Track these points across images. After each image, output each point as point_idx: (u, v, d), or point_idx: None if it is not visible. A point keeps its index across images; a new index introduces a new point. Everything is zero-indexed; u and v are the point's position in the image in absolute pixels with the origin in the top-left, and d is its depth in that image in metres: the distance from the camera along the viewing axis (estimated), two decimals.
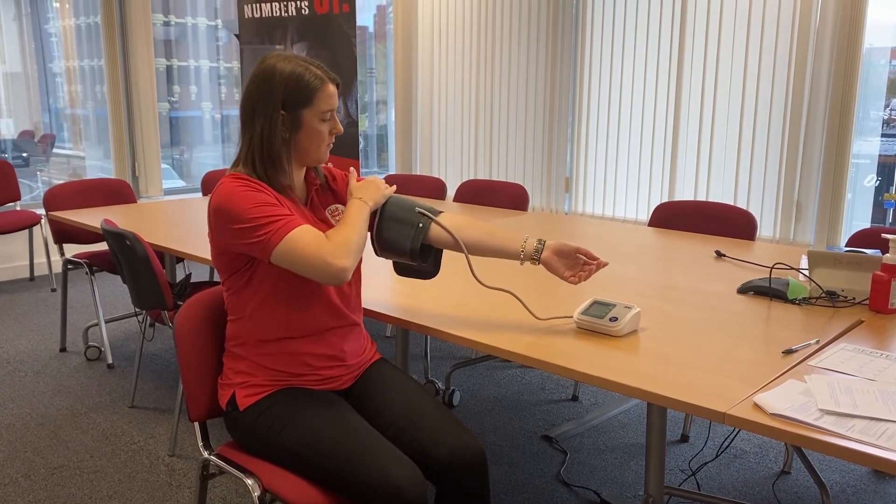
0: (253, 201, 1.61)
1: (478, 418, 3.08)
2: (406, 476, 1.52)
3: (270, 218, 1.60)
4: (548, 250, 1.79)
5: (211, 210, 1.65)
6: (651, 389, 1.41)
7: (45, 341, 3.97)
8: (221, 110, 6.73)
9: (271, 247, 1.60)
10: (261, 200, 1.62)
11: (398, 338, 2.34)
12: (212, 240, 1.70)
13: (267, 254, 1.61)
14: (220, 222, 1.63)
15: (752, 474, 2.64)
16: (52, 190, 3.63)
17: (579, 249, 1.78)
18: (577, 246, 1.78)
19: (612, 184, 4.90)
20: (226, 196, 1.62)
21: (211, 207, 1.65)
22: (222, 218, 1.62)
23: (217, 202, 1.63)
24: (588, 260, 1.80)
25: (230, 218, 1.61)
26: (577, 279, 1.79)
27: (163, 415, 3.07)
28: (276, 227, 1.59)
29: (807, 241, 4.04)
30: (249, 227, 1.59)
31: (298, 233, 1.60)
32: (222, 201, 1.62)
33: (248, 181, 1.66)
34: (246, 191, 1.62)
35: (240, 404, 1.70)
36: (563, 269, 1.79)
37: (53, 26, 5.83)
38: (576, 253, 1.79)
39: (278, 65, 1.68)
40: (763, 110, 4.11)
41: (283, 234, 1.59)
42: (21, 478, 2.57)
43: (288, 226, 1.60)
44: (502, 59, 5.38)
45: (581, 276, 1.80)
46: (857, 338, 1.70)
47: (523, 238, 1.81)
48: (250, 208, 1.60)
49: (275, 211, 1.61)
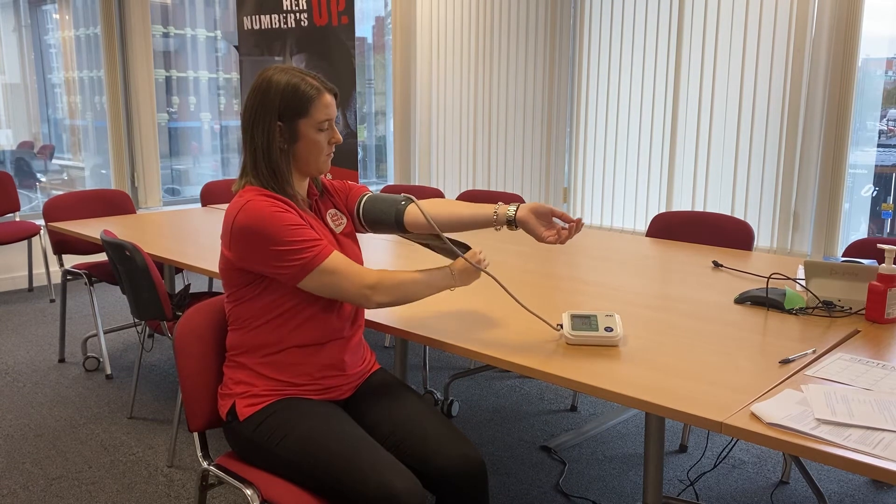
0: (285, 221, 1.62)
1: (476, 428, 3.08)
2: (405, 486, 1.52)
3: (308, 243, 1.62)
4: (523, 209, 1.77)
5: (237, 228, 1.62)
6: (649, 399, 1.41)
7: (43, 352, 3.97)
8: (220, 121, 6.74)
9: (308, 270, 1.62)
10: (292, 221, 1.63)
11: (397, 348, 2.35)
12: (231, 256, 1.67)
13: (299, 279, 1.63)
14: (249, 242, 1.62)
15: (750, 484, 2.64)
16: (52, 201, 3.64)
17: (554, 211, 1.77)
18: (552, 207, 1.77)
19: (610, 194, 4.91)
20: (257, 216, 1.61)
21: (236, 225, 1.63)
22: (253, 238, 1.61)
23: (245, 221, 1.61)
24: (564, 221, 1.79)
25: (266, 239, 1.60)
26: (555, 238, 1.77)
27: (161, 425, 3.07)
28: (312, 255, 1.62)
29: (804, 251, 4.06)
30: (286, 250, 1.60)
31: (337, 260, 1.64)
32: (252, 221, 1.61)
33: (273, 199, 1.66)
34: (276, 212, 1.62)
35: (240, 414, 1.70)
36: (541, 229, 1.77)
37: (53, 37, 5.85)
38: (551, 215, 1.78)
39: (275, 77, 1.70)
40: (760, 121, 4.13)
41: (321, 259, 1.62)
42: (19, 489, 2.57)
43: (322, 253, 1.63)
44: (500, 69, 5.41)
45: (561, 235, 1.77)
46: (853, 348, 1.71)
47: (496, 205, 1.81)
48: (285, 230, 1.61)
49: (308, 235, 1.63)
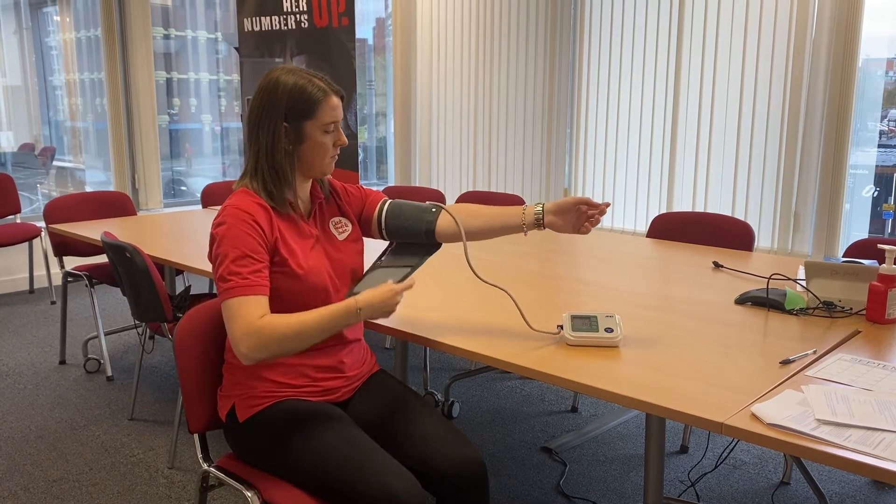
0: (237, 244, 1.60)
1: (477, 430, 3.07)
2: (405, 488, 1.52)
3: (232, 276, 1.58)
4: (549, 214, 1.81)
5: (212, 228, 1.66)
6: (649, 400, 1.41)
7: (44, 354, 3.97)
8: (221, 123, 6.75)
9: (221, 299, 1.60)
10: (245, 249, 1.60)
11: (397, 349, 2.35)
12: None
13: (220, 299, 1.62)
14: (211, 243, 1.66)
15: (751, 485, 2.64)
16: (52, 202, 3.64)
17: (579, 200, 1.80)
18: (575, 198, 1.80)
19: (611, 195, 4.91)
20: (221, 227, 1.63)
21: (213, 225, 1.66)
22: (212, 240, 1.65)
23: (215, 224, 1.65)
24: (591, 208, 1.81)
25: (215, 245, 1.63)
26: (586, 230, 1.82)
27: (162, 427, 3.07)
28: (230, 285, 1.58)
29: (804, 251, 4.05)
30: (220, 267, 1.60)
31: (238, 303, 1.57)
32: (217, 230, 1.64)
33: (255, 209, 1.65)
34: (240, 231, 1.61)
35: (239, 416, 1.70)
36: (569, 226, 1.82)
37: (54, 39, 5.85)
38: (575, 205, 1.80)
39: (282, 77, 1.69)
40: (760, 121, 4.12)
41: (228, 296, 1.58)
42: (20, 491, 2.57)
43: (232, 292, 1.58)
44: (501, 70, 5.41)
45: (590, 225, 1.82)
46: (854, 348, 1.71)
47: (521, 209, 1.83)
48: (230, 252, 1.60)
49: (240, 269, 1.59)
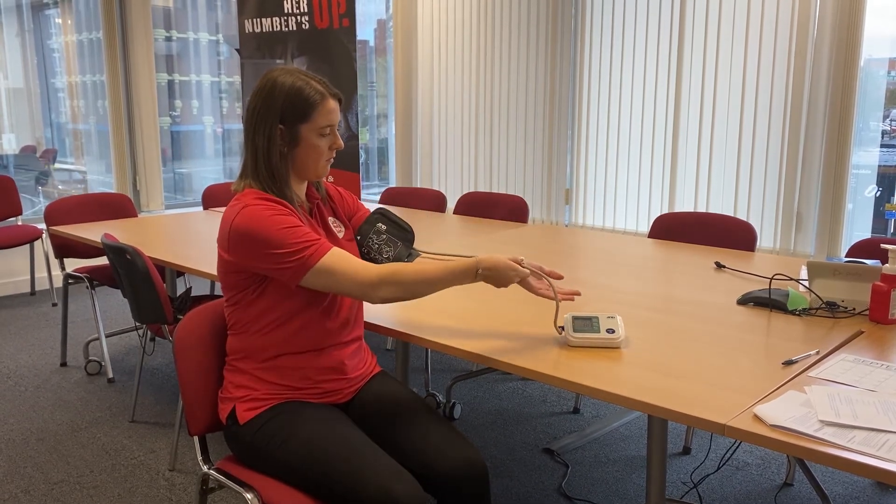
0: (282, 224, 1.60)
1: (479, 431, 3.07)
2: (406, 490, 1.51)
3: (304, 243, 1.60)
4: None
5: (235, 231, 1.61)
6: (651, 401, 1.40)
7: (45, 356, 3.97)
8: (223, 124, 6.75)
9: (305, 270, 1.59)
10: (290, 223, 1.61)
11: (398, 351, 2.34)
12: (229, 259, 1.65)
13: (298, 278, 1.60)
14: (248, 246, 1.60)
15: (754, 486, 2.63)
16: (53, 204, 3.64)
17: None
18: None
19: (613, 195, 4.90)
20: (253, 219, 1.60)
21: (234, 229, 1.61)
22: (251, 242, 1.60)
23: (244, 225, 1.60)
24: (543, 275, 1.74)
25: (262, 243, 1.59)
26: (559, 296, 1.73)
27: (163, 429, 3.07)
28: (309, 253, 1.59)
29: (807, 251, 4.04)
30: (284, 252, 1.59)
31: (337, 257, 1.61)
32: (250, 225, 1.60)
33: (270, 201, 1.65)
34: (273, 215, 1.61)
35: (240, 418, 1.70)
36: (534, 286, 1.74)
37: (56, 42, 5.86)
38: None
39: (280, 78, 1.68)
40: (762, 121, 4.11)
41: (317, 258, 1.59)
42: (21, 493, 2.57)
43: (320, 251, 1.60)
44: (502, 71, 5.40)
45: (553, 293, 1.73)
46: (857, 348, 1.70)
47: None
48: (282, 233, 1.59)
49: (305, 235, 1.61)
